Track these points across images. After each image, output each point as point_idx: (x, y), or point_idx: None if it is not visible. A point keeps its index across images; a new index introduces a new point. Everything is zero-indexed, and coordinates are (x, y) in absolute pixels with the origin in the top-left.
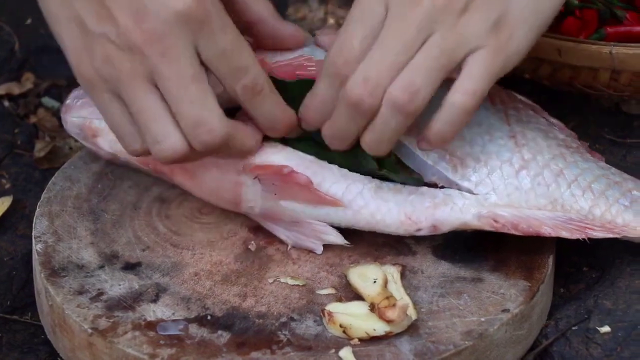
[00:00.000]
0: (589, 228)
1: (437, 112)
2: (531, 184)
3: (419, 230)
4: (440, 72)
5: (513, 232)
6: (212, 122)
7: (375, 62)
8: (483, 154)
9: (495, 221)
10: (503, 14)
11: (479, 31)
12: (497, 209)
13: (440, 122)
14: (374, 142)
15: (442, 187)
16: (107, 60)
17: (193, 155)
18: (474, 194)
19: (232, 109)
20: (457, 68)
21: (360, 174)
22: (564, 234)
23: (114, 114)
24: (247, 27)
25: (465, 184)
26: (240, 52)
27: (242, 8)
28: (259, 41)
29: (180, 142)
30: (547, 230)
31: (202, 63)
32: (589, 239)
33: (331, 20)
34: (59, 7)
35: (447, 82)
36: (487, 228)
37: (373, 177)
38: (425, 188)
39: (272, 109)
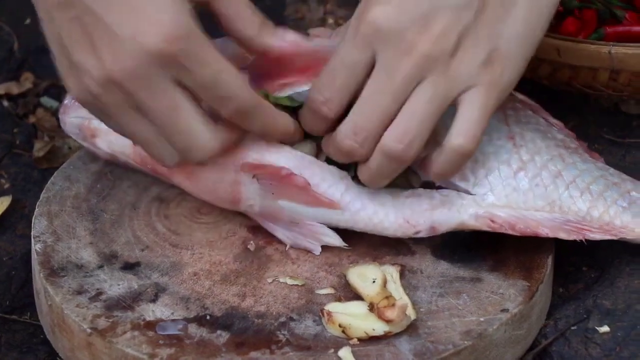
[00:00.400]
0: (586, 230)
1: (438, 152)
2: (529, 185)
3: (417, 232)
4: (433, 116)
5: (510, 232)
6: (202, 145)
7: (365, 112)
8: (481, 154)
9: (493, 221)
10: (493, 50)
11: (471, 71)
12: (494, 209)
13: (442, 163)
14: (369, 179)
15: (439, 187)
16: (91, 93)
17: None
18: (471, 194)
19: None
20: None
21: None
22: (562, 235)
23: (110, 124)
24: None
25: (463, 185)
26: (222, 83)
27: (225, 25)
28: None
29: (177, 157)
30: (545, 231)
31: (185, 88)
32: (586, 240)
33: (330, 20)
34: (47, 24)
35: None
36: (485, 228)
37: None
38: (421, 190)
39: (265, 123)
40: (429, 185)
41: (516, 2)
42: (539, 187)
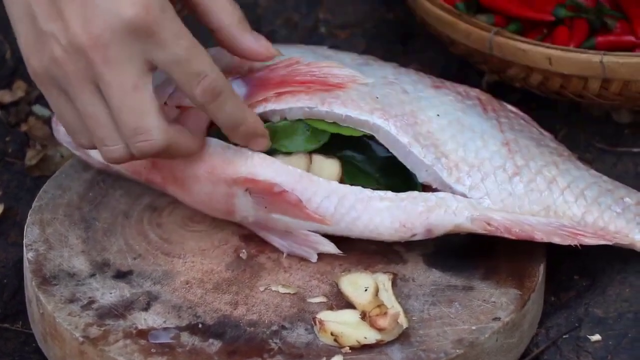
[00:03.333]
0: (581, 235)
1: None
2: (524, 190)
3: (413, 235)
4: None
5: (506, 235)
6: (150, 132)
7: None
8: (477, 159)
9: (489, 224)
10: None
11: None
12: (490, 212)
13: None
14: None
15: (435, 190)
16: (54, 60)
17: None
18: (467, 197)
19: None
20: None
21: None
22: (556, 240)
23: (62, 109)
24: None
25: (460, 188)
26: (196, 58)
27: (202, 13)
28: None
29: (123, 148)
30: (539, 236)
31: (150, 70)
32: (580, 245)
33: (322, 29)
34: (16, 2)
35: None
36: (480, 231)
37: (364, 187)
38: (417, 193)
39: (234, 110)
40: (425, 187)
41: None
42: (534, 192)
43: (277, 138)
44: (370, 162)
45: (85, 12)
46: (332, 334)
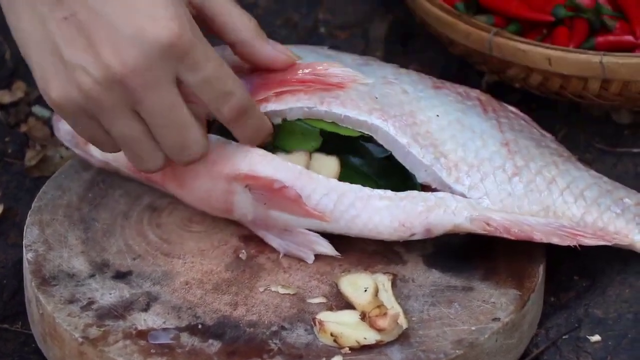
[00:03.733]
0: (580, 235)
1: None
2: (524, 190)
3: (412, 235)
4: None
5: (505, 235)
6: (195, 145)
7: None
8: (476, 159)
9: (488, 224)
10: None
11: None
12: (490, 213)
13: None
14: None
15: (434, 190)
16: (85, 91)
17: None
18: (466, 197)
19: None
20: None
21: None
22: (555, 240)
23: (91, 133)
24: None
25: (459, 188)
26: (225, 78)
27: (220, 29)
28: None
29: (162, 160)
30: (539, 236)
31: (178, 86)
32: (580, 246)
33: (322, 29)
34: (32, 25)
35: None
36: (479, 231)
37: (363, 185)
38: (416, 192)
39: (256, 125)
40: (425, 187)
41: None
42: (534, 192)
43: (275, 138)
44: (369, 164)
45: (114, 41)
46: (331, 334)
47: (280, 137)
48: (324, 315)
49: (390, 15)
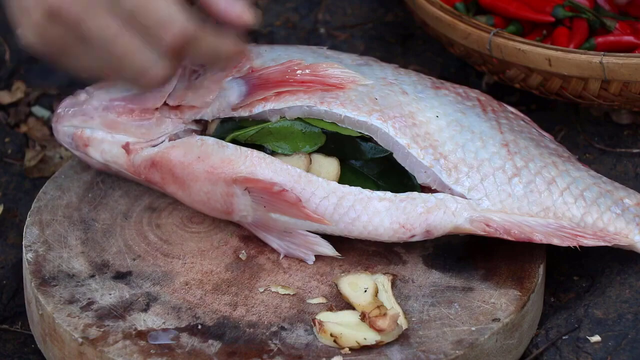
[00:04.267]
0: (580, 236)
1: None
2: (524, 191)
3: (412, 236)
4: None
5: (505, 237)
6: (175, 17)
7: None
8: (476, 160)
9: (488, 225)
10: None
11: None
12: (489, 214)
13: None
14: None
15: (434, 191)
16: (39, 30)
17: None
18: (466, 198)
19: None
20: None
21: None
22: (556, 242)
23: (76, 56)
24: None
25: (459, 189)
26: (155, 8)
27: None
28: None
29: (154, 58)
30: (539, 237)
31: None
32: (580, 247)
33: (322, 30)
34: None
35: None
36: (479, 232)
37: (363, 186)
38: (416, 193)
39: (212, 47)
40: (424, 188)
41: None
42: (534, 193)
43: (274, 140)
44: (368, 166)
45: None
46: (331, 335)
47: (282, 137)
48: (324, 316)
49: (390, 16)
